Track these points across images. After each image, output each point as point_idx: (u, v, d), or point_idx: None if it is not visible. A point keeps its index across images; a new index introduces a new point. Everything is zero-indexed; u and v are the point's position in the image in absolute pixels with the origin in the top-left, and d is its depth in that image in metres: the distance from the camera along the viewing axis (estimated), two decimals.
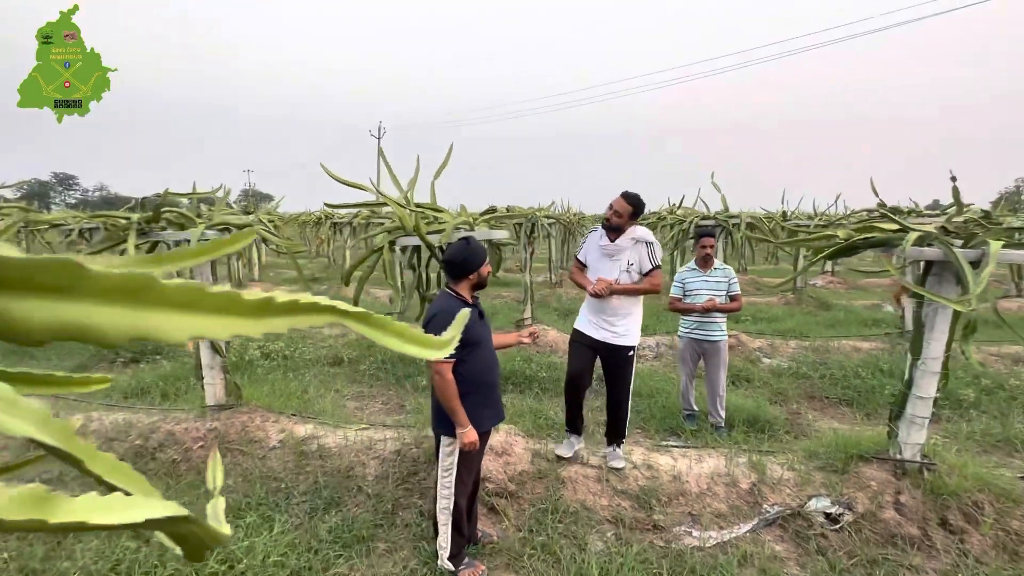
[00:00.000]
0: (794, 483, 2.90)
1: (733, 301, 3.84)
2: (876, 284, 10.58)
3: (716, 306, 3.71)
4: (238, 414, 3.60)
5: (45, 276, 0.27)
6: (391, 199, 2.81)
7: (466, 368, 2.26)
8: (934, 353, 2.68)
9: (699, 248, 3.93)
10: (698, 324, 3.88)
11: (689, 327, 3.94)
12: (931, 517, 2.60)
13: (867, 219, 5.66)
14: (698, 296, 3.81)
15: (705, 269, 3.88)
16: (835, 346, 5.70)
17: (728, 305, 3.81)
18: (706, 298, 3.75)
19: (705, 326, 3.85)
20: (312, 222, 11.52)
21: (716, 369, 3.86)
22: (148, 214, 3.03)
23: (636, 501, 2.88)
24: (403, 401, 4.63)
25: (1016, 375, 4.81)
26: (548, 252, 8.86)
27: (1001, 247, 2.17)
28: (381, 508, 2.86)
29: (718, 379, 3.86)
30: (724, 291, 3.81)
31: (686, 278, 3.93)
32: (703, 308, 3.73)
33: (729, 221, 6.61)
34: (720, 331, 3.85)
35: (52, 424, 0.48)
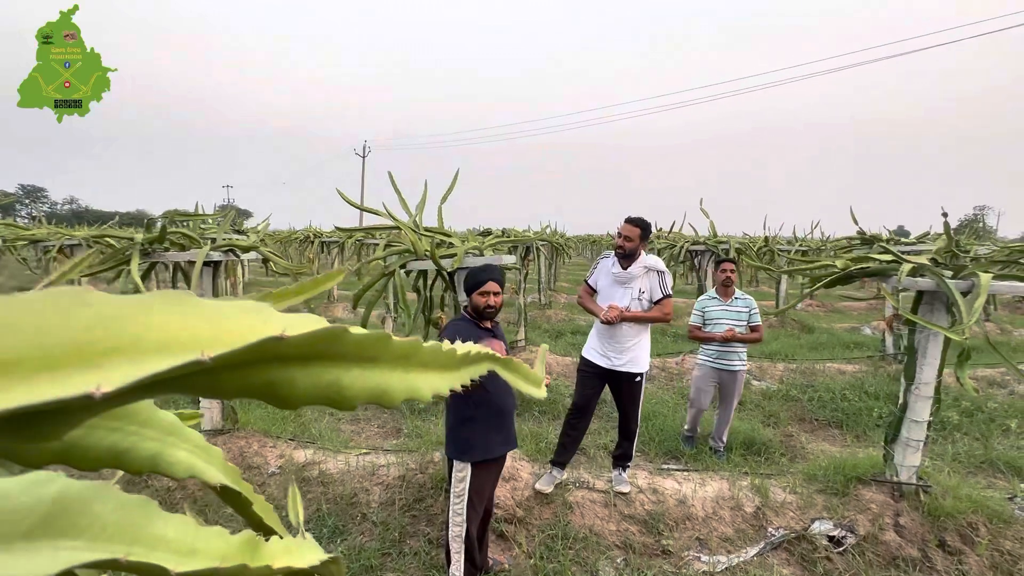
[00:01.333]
0: (797, 506, 2.96)
1: (754, 332, 3.78)
2: (853, 308, 10.95)
3: (736, 336, 3.66)
4: (235, 439, 3.51)
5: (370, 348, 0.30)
6: (404, 224, 2.84)
7: (478, 392, 2.26)
8: (927, 378, 2.80)
9: (719, 273, 3.89)
10: (718, 353, 3.81)
11: (709, 356, 3.87)
12: (930, 538, 2.69)
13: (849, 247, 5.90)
14: (718, 325, 3.76)
15: (726, 298, 3.83)
16: (821, 369, 5.87)
17: (749, 336, 3.75)
18: (726, 327, 3.71)
19: (725, 355, 3.78)
20: (298, 240, 11.41)
21: (731, 398, 3.83)
22: (153, 235, 2.99)
23: (644, 526, 2.90)
24: (400, 424, 4.57)
25: (992, 397, 5.02)
26: (538, 274, 8.94)
27: (991, 279, 2.31)
28: (388, 536, 2.81)
29: (731, 407, 3.85)
30: (745, 321, 3.76)
31: (707, 306, 3.88)
32: (722, 338, 3.66)
33: (718, 246, 6.81)
34: (741, 361, 3.80)
35: (228, 468, 0.50)
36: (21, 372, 0.17)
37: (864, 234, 6.03)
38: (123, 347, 0.19)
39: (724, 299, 3.85)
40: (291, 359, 0.26)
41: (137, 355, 0.19)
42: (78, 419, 0.20)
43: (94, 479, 0.34)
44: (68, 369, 0.18)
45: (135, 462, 0.37)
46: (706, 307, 3.89)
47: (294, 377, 0.27)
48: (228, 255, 3.32)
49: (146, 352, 0.20)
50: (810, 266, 3.27)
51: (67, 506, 0.27)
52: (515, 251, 6.61)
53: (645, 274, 2.98)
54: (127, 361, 0.19)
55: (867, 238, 5.76)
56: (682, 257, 7.01)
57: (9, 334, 0.17)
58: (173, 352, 0.20)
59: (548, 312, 9.01)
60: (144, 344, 0.20)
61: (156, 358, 0.19)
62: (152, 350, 0.20)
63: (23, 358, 0.18)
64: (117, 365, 0.19)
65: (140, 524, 0.32)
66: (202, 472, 0.42)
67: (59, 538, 0.26)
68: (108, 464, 0.35)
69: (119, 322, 0.20)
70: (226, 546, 0.37)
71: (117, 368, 0.18)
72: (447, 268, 2.84)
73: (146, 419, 0.38)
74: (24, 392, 0.17)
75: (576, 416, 3.15)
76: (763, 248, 8.10)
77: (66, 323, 0.19)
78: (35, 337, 0.18)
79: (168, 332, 0.21)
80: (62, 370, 0.18)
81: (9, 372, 0.17)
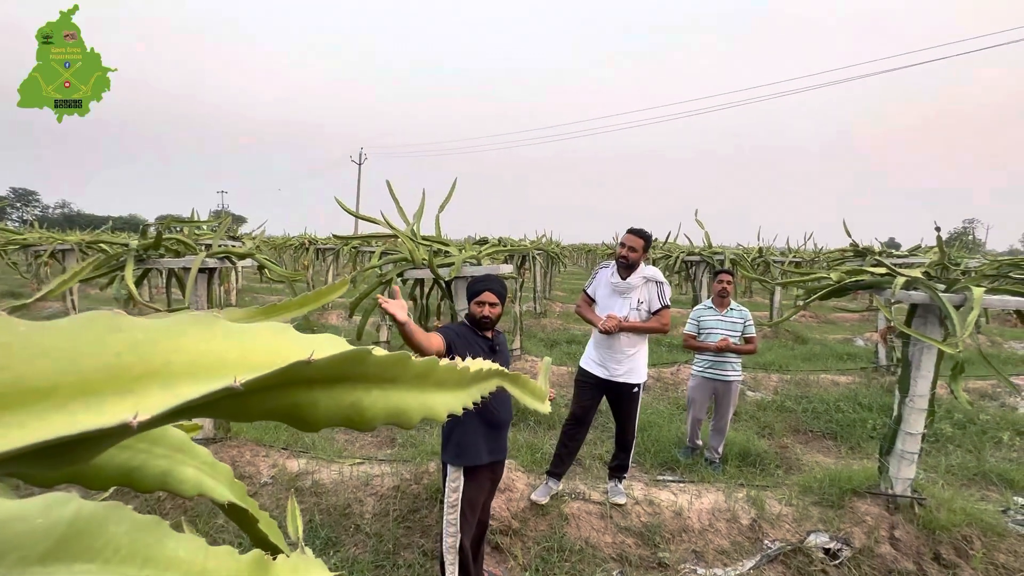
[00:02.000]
0: (792, 518, 2.96)
1: (748, 343, 3.81)
2: (845, 319, 11.04)
3: (729, 346, 3.69)
4: (227, 448, 3.47)
5: (390, 369, 0.30)
6: (402, 232, 2.84)
7: None
8: (921, 391, 2.82)
9: (715, 284, 3.93)
10: (712, 363, 3.84)
11: (703, 366, 3.90)
12: (925, 551, 2.69)
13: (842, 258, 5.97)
14: (712, 335, 3.79)
15: (721, 308, 3.87)
16: (814, 380, 5.89)
17: (743, 347, 3.79)
18: (720, 337, 3.74)
19: (719, 365, 3.82)
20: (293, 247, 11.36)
21: (726, 408, 3.85)
22: (149, 240, 2.96)
23: (640, 538, 2.88)
24: (394, 434, 4.53)
25: (984, 410, 5.06)
26: (533, 282, 8.94)
27: (983, 293, 2.33)
28: (382, 548, 2.77)
29: (726, 418, 3.86)
30: (739, 332, 3.79)
31: (702, 316, 3.91)
32: (716, 348, 3.70)
33: (713, 257, 6.86)
34: (735, 371, 3.82)
35: (236, 485, 0.49)
36: (57, 399, 0.17)
37: (857, 246, 6.10)
38: (155, 372, 0.19)
39: (719, 309, 3.88)
40: (316, 382, 0.26)
41: (169, 380, 0.19)
42: (109, 444, 0.20)
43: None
44: (103, 395, 0.18)
45: (145, 480, 0.36)
46: (701, 317, 3.92)
47: (317, 400, 0.27)
48: (224, 262, 3.30)
49: (178, 376, 0.20)
50: (805, 278, 3.30)
51: (82, 528, 0.27)
52: (511, 260, 6.61)
53: (644, 284, 2.99)
54: (159, 386, 0.19)
55: (859, 250, 5.83)
56: (677, 267, 7.04)
57: (44, 360, 0.17)
58: (204, 377, 0.20)
59: (544, 321, 9.01)
60: (175, 368, 0.20)
61: (188, 383, 0.19)
62: (183, 374, 0.20)
63: (59, 385, 0.17)
64: (150, 391, 0.19)
65: (152, 545, 0.32)
66: (211, 490, 0.41)
67: (74, 561, 0.26)
68: (118, 483, 0.34)
69: (150, 347, 0.20)
70: (236, 566, 0.37)
71: (150, 394, 0.18)
72: (445, 277, 2.84)
73: (157, 437, 0.38)
74: (63, 421, 0.17)
75: (573, 427, 3.14)
76: (757, 259, 8.15)
77: (99, 349, 0.19)
78: (70, 364, 0.18)
79: (198, 356, 0.21)
80: (96, 396, 0.18)
81: (46, 399, 0.17)
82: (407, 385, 0.32)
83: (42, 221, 44.73)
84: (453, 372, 0.38)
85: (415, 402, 0.33)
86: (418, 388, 0.34)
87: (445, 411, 0.37)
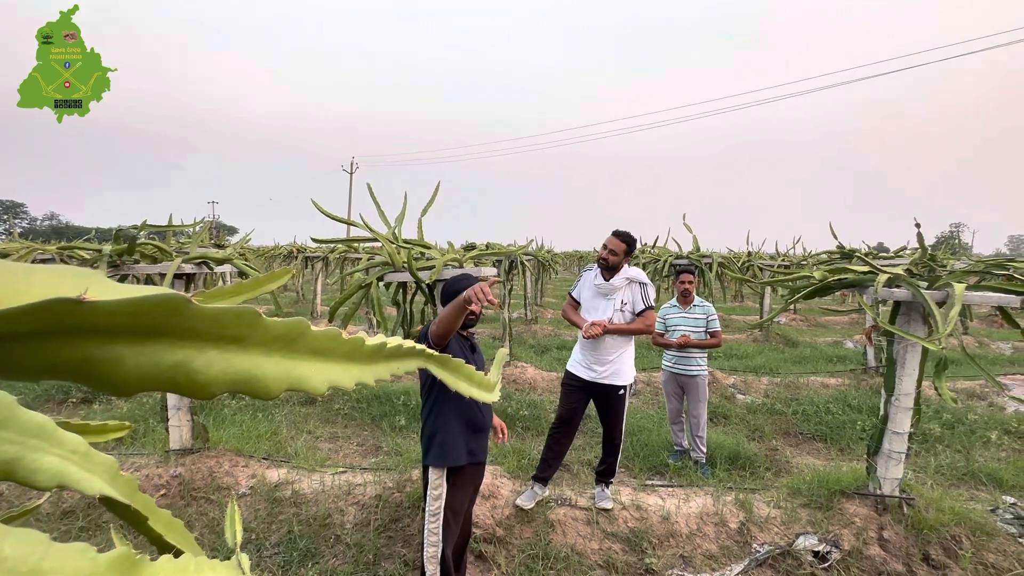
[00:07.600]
0: (781, 521, 2.92)
1: (712, 337, 3.94)
2: (835, 322, 11.08)
3: (690, 342, 3.83)
4: (204, 458, 3.37)
5: (229, 326, 0.26)
6: (381, 235, 2.80)
7: (451, 400, 2.20)
8: (906, 389, 2.80)
9: (678, 284, 4.06)
10: (677, 359, 4.00)
11: (670, 361, 4.05)
12: (914, 552, 2.65)
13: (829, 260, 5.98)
14: (677, 332, 3.94)
15: (685, 306, 4.01)
16: (804, 382, 5.88)
17: (706, 341, 3.91)
18: (680, 334, 3.87)
19: (683, 361, 3.96)
20: (282, 255, 11.26)
21: (696, 404, 3.94)
22: (122, 246, 2.90)
23: (627, 544, 2.83)
24: (380, 443, 4.45)
25: (972, 409, 5.06)
26: (523, 289, 8.91)
27: (964, 289, 2.32)
28: (362, 559, 2.70)
29: (699, 414, 3.93)
30: (703, 327, 3.92)
31: (667, 314, 4.06)
32: (677, 344, 3.85)
33: (701, 260, 6.86)
34: (698, 366, 3.94)
35: (120, 479, 0.44)
36: None
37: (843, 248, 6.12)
38: None
39: (683, 307, 4.02)
40: (110, 332, 0.22)
41: None
42: None
43: None
44: None
45: None
46: (667, 315, 4.06)
47: (122, 356, 0.23)
48: (201, 267, 3.24)
49: None
50: (789, 278, 3.28)
51: None
52: (499, 265, 6.58)
53: (627, 286, 2.97)
54: None
55: (846, 252, 5.85)
56: (666, 271, 7.04)
57: None
58: None
59: (534, 327, 8.96)
60: None
61: None
62: None
63: None
64: None
65: None
66: (75, 481, 0.36)
67: None
68: None
69: None
70: (89, 565, 0.32)
71: None
72: (425, 280, 2.79)
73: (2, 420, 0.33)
74: None
75: (560, 430, 3.09)
76: (745, 263, 8.18)
77: None
78: None
79: None
80: None
81: None
82: (261, 348, 0.28)
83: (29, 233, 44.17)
84: (339, 341, 0.34)
85: (275, 369, 0.29)
86: (280, 353, 0.29)
87: (325, 384, 0.32)
